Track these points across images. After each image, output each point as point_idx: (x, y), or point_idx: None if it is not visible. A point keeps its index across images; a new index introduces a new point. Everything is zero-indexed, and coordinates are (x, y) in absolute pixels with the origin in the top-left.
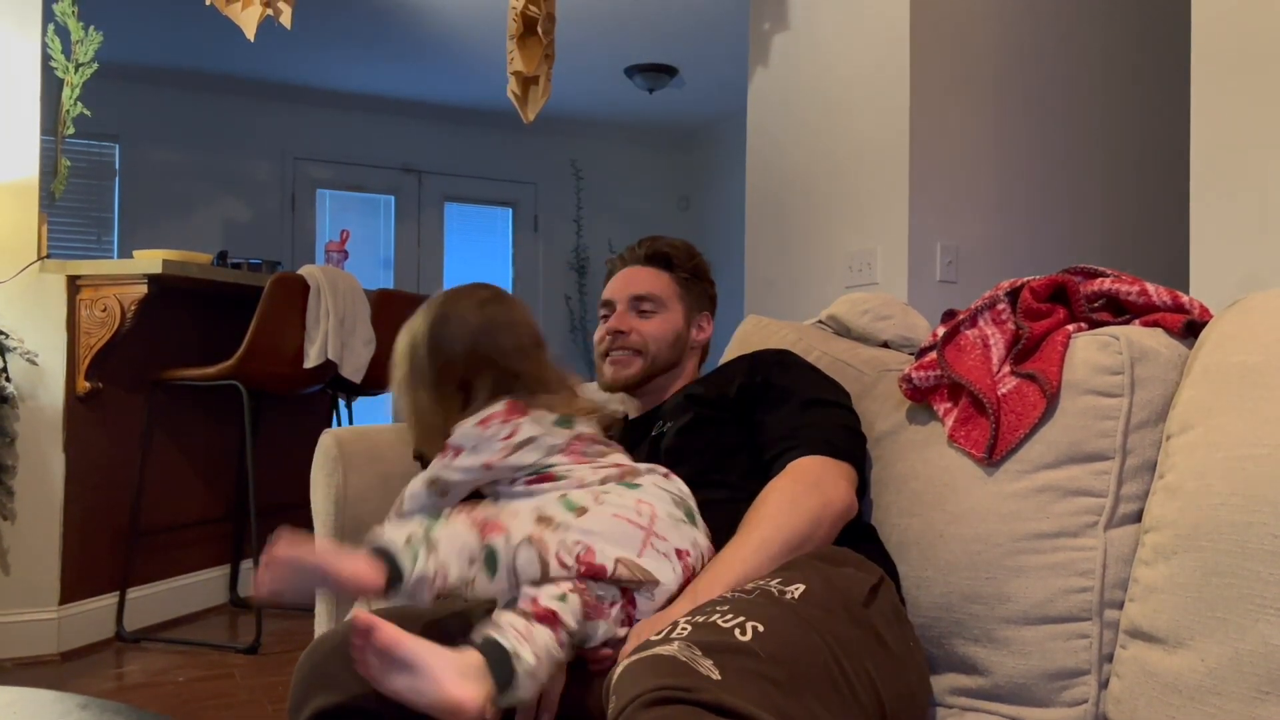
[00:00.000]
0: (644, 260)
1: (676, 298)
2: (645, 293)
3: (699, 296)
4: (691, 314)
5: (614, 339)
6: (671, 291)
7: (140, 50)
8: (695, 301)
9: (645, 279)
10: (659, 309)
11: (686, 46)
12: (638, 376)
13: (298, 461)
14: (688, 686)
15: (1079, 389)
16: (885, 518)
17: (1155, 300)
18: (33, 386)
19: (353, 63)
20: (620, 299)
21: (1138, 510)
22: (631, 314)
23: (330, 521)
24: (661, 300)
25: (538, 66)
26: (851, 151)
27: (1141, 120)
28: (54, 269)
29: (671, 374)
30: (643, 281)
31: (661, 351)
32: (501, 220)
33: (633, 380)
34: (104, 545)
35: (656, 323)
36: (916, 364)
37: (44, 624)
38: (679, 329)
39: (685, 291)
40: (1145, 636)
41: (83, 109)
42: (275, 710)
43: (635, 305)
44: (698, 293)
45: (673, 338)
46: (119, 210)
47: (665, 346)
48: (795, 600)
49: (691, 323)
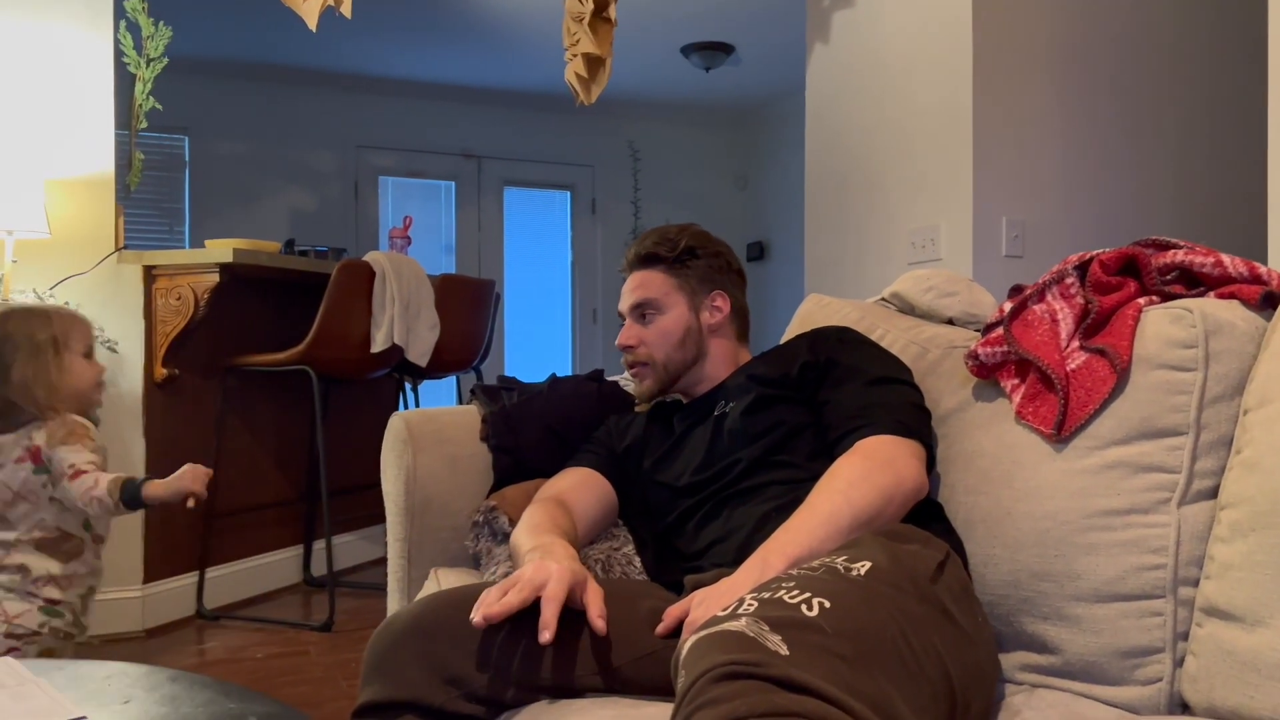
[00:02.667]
0: (636, 265)
1: (675, 290)
2: (642, 299)
3: (703, 277)
4: (697, 299)
5: (627, 354)
6: (667, 286)
7: (207, 44)
8: (698, 285)
9: (640, 283)
10: (660, 310)
11: (743, 24)
12: (654, 388)
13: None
14: (756, 661)
15: (1151, 363)
16: (951, 495)
17: (1231, 272)
18: (113, 374)
19: (411, 51)
20: (626, 310)
21: (1212, 486)
22: (638, 323)
23: (401, 502)
24: (659, 300)
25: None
26: (913, 126)
27: (1214, 87)
28: (131, 260)
29: (700, 366)
30: (639, 287)
31: (671, 354)
32: (560, 203)
33: (653, 391)
34: (184, 526)
35: (660, 325)
36: (983, 340)
37: (129, 602)
38: (687, 323)
39: (682, 281)
40: (1222, 614)
41: (154, 103)
42: (349, 686)
43: (637, 314)
44: (699, 274)
45: (680, 336)
46: (189, 201)
47: (673, 348)
48: (861, 577)
49: (699, 308)
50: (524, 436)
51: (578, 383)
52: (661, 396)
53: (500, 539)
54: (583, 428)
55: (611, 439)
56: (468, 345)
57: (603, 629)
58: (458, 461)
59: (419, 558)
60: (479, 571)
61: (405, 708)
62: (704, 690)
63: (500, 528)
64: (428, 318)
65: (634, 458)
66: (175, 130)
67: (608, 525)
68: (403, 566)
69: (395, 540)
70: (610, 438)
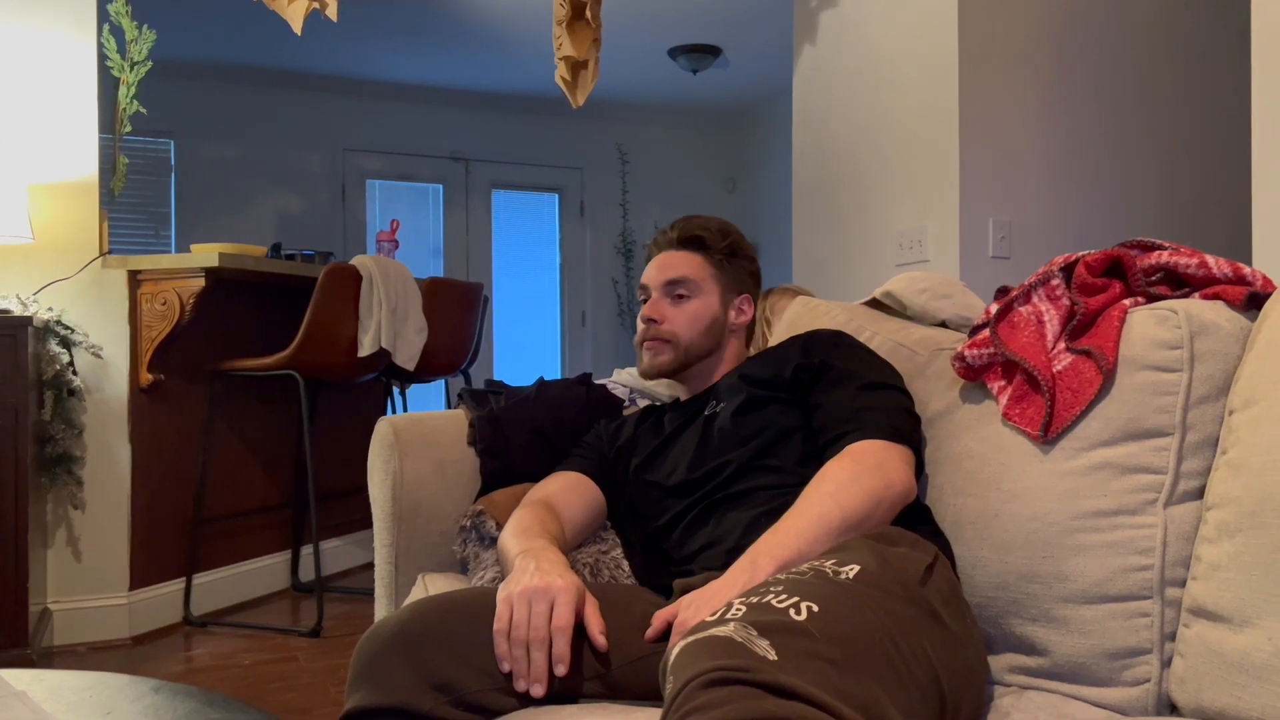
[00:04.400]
0: (677, 243)
1: (712, 279)
2: (678, 277)
3: (737, 277)
4: (729, 295)
5: (647, 327)
6: (706, 273)
7: (192, 47)
8: (733, 282)
9: (679, 262)
10: (693, 293)
11: (730, 26)
12: (670, 365)
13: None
14: (745, 667)
15: (1137, 364)
16: (939, 497)
17: (1215, 273)
18: (98, 379)
19: (398, 53)
20: (654, 285)
21: (1198, 487)
22: (666, 300)
23: (388, 506)
24: (695, 284)
25: (587, 51)
26: (900, 128)
27: (1199, 89)
28: (115, 265)
29: (713, 359)
30: (676, 265)
31: (695, 339)
32: (548, 206)
33: (666, 368)
34: (170, 532)
35: (690, 309)
36: (969, 342)
37: (115, 609)
38: (715, 313)
39: (721, 273)
40: (1209, 615)
41: (139, 107)
42: (337, 692)
43: (669, 290)
44: (735, 273)
45: (707, 323)
46: (175, 205)
47: (699, 334)
48: (850, 580)
49: (729, 305)
50: (512, 441)
51: (565, 386)
52: (673, 378)
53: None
54: (571, 432)
55: (601, 443)
56: (456, 349)
57: (603, 645)
58: (445, 466)
59: (406, 563)
60: (466, 576)
61: (393, 714)
62: (692, 696)
63: (488, 532)
64: (415, 321)
65: (624, 460)
66: (161, 134)
67: (596, 530)
68: (390, 572)
69: (382, 545)
70: (600, 441)
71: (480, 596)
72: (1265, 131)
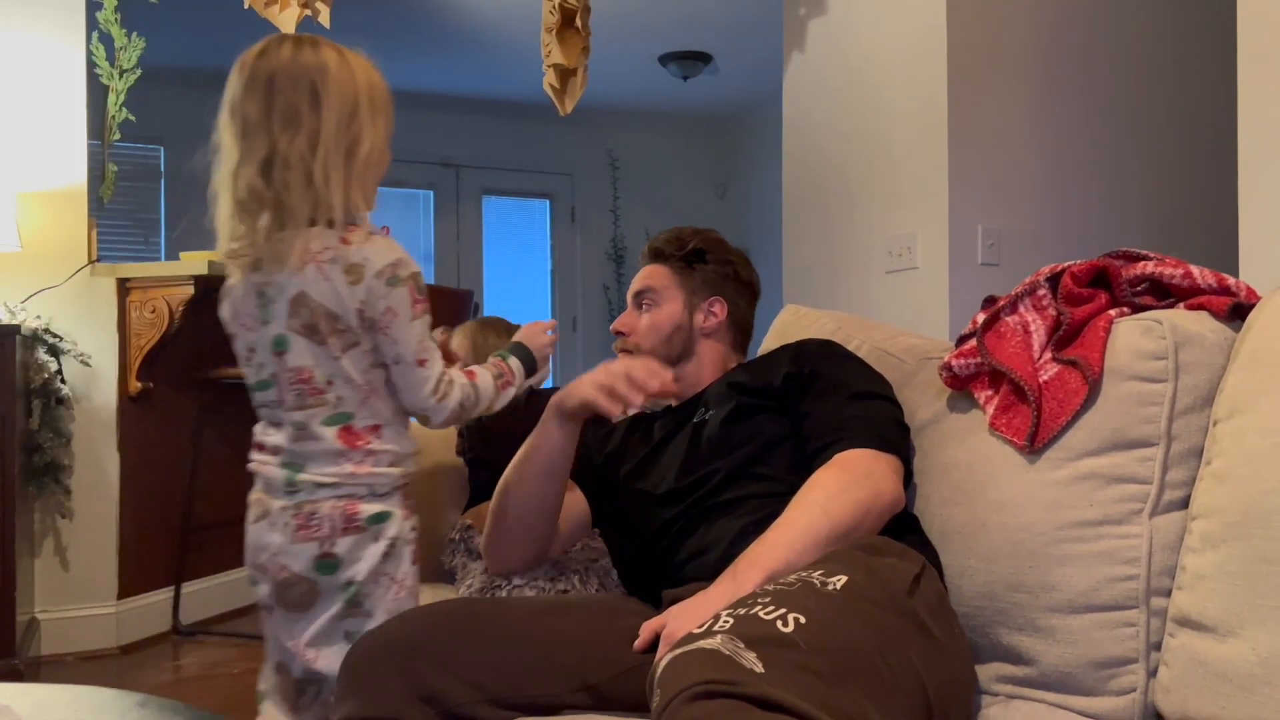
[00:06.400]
0: (648, 258)
1: (675, 286)
2: (641, 288)
3: (706, 280)
4: (695, 300)
5: (618, 339)
6: (668, 282)
7: (182, 54)
8: (699, 287)
9: (645, 275)
10: (656, 302)
11: (720, 33)
12: None
13: None
14: (732, 680)
15: (1122, 375)
16: (927, 507)
17: (1200, 283)
18: (86, 388)
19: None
20: (629, 297)
21: (1184, 497)
22: (634, 311)
23: None
24: (658, 292)
25: (577, 59)
26: (889, 135)
27: (1186, 99)
28: (104, 272)
29: (691, 364)
30: (642, 278)
31: (656, 347)
32: (539, 212)
33: None
34: (159, 541)
35: (650, 318)
36: (956, 351)
37: (103, 619)
38: (677, 319)
39: (684, 279)
40: (1194, 625)
41: (128, 114)
42: None
43: (637, 302)
44: (702, 277)
45: (668, 330)
46: (165, 212)
47: (659, 341)
48: (837, 591)
49: (695, 309)
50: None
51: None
52: None
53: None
54: None
55: (590, 450)
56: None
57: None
58: (435, 475)
59: None
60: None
61: None
62: (679, 710)
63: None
64: None
65: (612, 468)
66: (150, 141)
67: (580, 536)
68: None
69: None
70: (588, 449)
71: (468, 607)
72: (1251, 142)
